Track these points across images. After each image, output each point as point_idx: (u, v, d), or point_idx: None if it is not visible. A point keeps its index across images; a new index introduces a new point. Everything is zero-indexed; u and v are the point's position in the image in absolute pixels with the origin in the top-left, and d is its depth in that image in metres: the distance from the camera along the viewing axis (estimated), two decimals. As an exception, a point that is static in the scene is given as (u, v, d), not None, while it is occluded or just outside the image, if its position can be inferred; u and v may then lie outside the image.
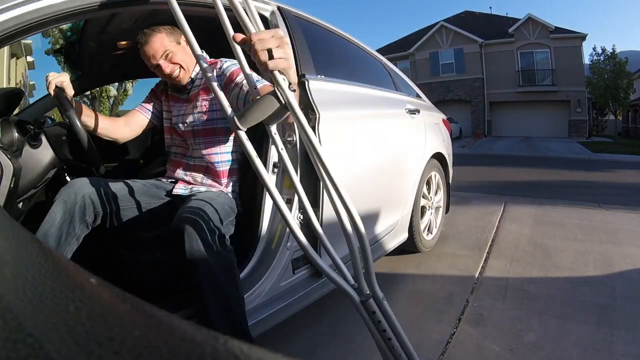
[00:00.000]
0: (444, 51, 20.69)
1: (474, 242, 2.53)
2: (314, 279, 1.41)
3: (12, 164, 1.00)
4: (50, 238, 1.04)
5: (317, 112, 1.30)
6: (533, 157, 10.57)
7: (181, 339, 0.20)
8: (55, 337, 0.20)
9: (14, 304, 0.23)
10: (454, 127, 16.07)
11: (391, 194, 1.88)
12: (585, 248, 2.42)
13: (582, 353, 1.39)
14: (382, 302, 0.91)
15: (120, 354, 0.18)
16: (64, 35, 1.94)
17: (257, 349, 0.20)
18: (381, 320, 0.90)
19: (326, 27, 1.84)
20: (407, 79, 2.61)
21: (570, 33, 18.70)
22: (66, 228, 1.07)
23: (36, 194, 1.34)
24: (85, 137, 1.21)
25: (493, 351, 1.41)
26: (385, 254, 1.90)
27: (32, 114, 1.84)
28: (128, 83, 13.63)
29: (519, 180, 6.12)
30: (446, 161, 2.54)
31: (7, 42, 0.90)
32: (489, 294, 1.85)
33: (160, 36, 1.26)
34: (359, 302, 0.91)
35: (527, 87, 19.31)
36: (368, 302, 0.90)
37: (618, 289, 1.87)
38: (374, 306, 0.90)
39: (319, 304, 1.52)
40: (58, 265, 0.31)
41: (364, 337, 1.51)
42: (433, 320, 1.63)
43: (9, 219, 0.46)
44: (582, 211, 3.34)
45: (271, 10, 1.42)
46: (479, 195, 4.13)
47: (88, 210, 1.12)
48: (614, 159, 10.37)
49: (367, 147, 1.66)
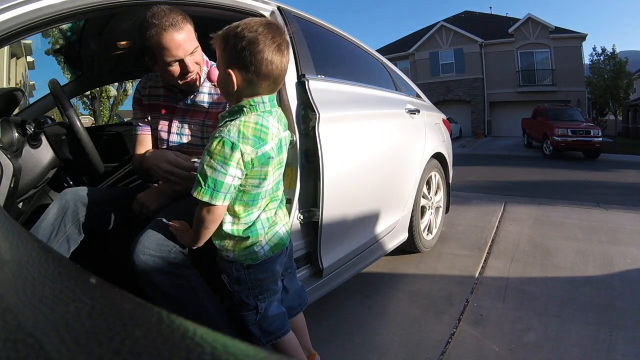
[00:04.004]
0: (444, 51, 20.68)
1: (474, 242, 2.53)
2: (314, 279, 1.41)
3: (12, 164, 1.00)
4: (41, 233, 1.05)
5: (317, 112, 1.30)
6: (533, 157, 10.56)
7: (181, 338, 0.20)
8: (55, 337, 0.20)
9: (14, 304, 0.23)
10: (454, 127, 16.06)
11: (391, 194, 1.88)
12: (585, 248, 2.42)
13: (582, 353, 1.39)
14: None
15: (120, 354, 0.18)
16: (64, 35, 1.94)
17: (257, 349, 0.20)
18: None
19: (326, 27, 1.84)
20: (407, 79, 2.61)
21: (570, 33, 18.70)
22: (57, 225, 1.07)
23: (36, 194, 1.34)
24: (85, 137, 1.21)
25: (493, 351, 1.41)
26: (385, 253, 1.90)
27: (32, 114, 1.84)
28: (128, 83, 13.60)
29: (519, 180, 6.12)
30: (446, 161, 2.54)
31: (7, 42, 0.90)
32: (489, 294, 1.85)
33: (190, 28, 1.08)
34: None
35: (527, 87, 19.30)
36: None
37: (618, 289, 1.87)
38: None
39: (319, 304, 1.52)
40: (58, 265, 0.31)
41: (364, 337, 1.51)
42: (433, 320, 1.63)
43: (9, 219, 0.46)
44: (582, 211, 3.34)
45: (271, 10, 1.42)
46: (479, 195, 4.13)
47: (81, 211, 1.11)
48: (614, 159, 10.36)
49: (367, 147, 1.66)
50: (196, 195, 0.83)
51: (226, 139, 0.82)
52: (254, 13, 1.36)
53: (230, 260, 0.96)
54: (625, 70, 17.09)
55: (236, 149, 0.82)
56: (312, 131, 1.29)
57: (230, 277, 0.98)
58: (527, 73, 19.40)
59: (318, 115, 1.29)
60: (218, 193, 0.82)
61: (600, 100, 18.12)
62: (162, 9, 1.04)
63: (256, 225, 0.94)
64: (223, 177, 0.82)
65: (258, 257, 0.96)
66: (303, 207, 1.34)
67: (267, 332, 1.01)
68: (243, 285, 0.97)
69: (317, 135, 1.28)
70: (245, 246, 0.94)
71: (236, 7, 1.30)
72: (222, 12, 1.27)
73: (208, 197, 0.83)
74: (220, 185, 0.82)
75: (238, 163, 0.83)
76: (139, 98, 1.26)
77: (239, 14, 1.31)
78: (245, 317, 0.99)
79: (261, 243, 0.95)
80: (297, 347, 1.09)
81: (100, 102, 12.70)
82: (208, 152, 0.83)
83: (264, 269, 0.97)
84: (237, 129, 0.84)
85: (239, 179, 0.85)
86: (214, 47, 0.88)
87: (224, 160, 0.81)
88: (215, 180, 0.82)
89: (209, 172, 0.82)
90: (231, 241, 0.94)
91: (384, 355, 1.40)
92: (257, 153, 0.85)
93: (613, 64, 17.23)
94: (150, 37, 1.04)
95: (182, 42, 1.05)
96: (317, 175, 1.30)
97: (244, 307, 0.99)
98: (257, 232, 0.94)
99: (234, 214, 0.91)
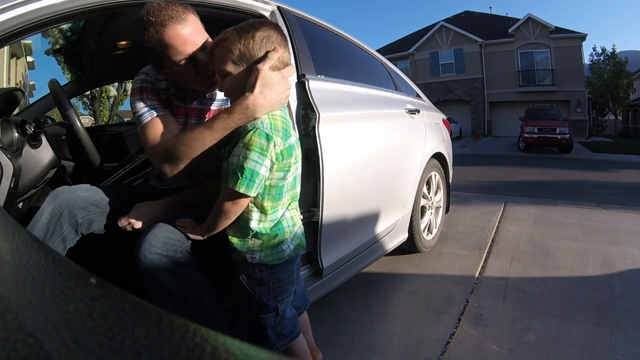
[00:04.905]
0: (444, 51, 20.68)
1: (474, 242, 2.53)
2: (314, 279, 1.41)
3: (12, 164, 1.00)
4: (35, 234, 0.98)
5: (317, 112, 1.30)
6: (533, 157, 10.57)
7: (181, 339, 0.20)
8: (55, 337, 0.20)
9: (14, 304, 0.23)
10: (454, 127, 16.06)
11: (391, 194, 1.88)
12: (585, 248, 2.42)
13: (582, 353, 1.39)
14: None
15: (120, 354, 0.18)
16: (64, 35, 1.94)
17: (257, 349, 0.20)
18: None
19: (326, 27, 1.84)
20: (407, 79, 2.61)
21: (570, 33, 18.70)
22: (53, 225, 1.01)
23: (36, 194, 1.34)
24: (85, 136, 1.21)
25: (493, 351, 1.41)
26: (385, 253, 1.90)
27: (32, 114, 1.84)
28: (128, 83, 13.62)
29: (518, 180, 6.12)
30: (446, 161, 2.54)
31: (7, 42, 0.90)
32: (489, 294, 1.85)
33: (194, 18, 0.97)
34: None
35: (527, 87, 19.30)
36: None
37: (618, 289, 1.87)
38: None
39: (319, 304, 1.52)
40: (58, 265, 0.31)
41: (364, 337, 1.51)
42: (433, 320, 1.63)
43: (9, 219, 0.46)
44: (582, 211, 3.34)
45: (271, 10, 1.42)
46: (479, 195, 4.13)
47: (78, 212, 1.05)
48: (614, 159, 10.37)
49: (367, 147, 1.66)
50: (233, 187, 0.84)
51: (261, 131, 0.84)
52: (254, 13, 1.36)
53: (253, 262, 0.95)
54: (625, 70, 17.09)
55: (271, 140, 0.84)
56: (312, 131, 1.29)
57: (252, 278, 0.96)
58: (527, 73, 19.40)
59: (318, 115, 1.29)
60: (253, 184, 0.84)
61: (600, 100, 18.12)
62: (157, 2, 0.92)
63: (282, 222, 0.95)
64: (259, 167, 0.83)
65: (284, 256, 0.96)
66: (303, 207, 1.33)
67: (282, 335, 1.01)
68: (265, 286, 0.96)
69: (317, 135, 1.28)
70: (273, 244, 0.94)
71: (236, 7, 1.30)
72: (222, 12, 1.27)
73: (244, 189, 0.83)
74: (256, 176, 0.83)
75: (271, 154, 0.85)
76: (153, 89, 1.08)
77: (239, 14, 1.31)
78: (264, 319, 0.97)
79: (287, 241, 0.96)
80: (307, 351, 1.09)
81: (100, 102, 12.71)
82: (244, 144, 0.84)
83: (285, 269, 0.98)
84: (269, 121, 0.86)
85: (269, 171, 0.86)
86: (222, 56, 0.88)
87: (261, 151, 0.83)
88: (252, 171, 0.83)
89: (245, 164, 0.83)
90: (259, 241, 0.93)
91: (384, 355, 1.40)
92: (285, 145, 0.88)
93: (613, 64, 17.23)
94: (150, 37, 0.93)
95: (189, 36, 0.93)
96: (317, 175, 1.30)
97: (262, 310, 0.97)
98: (284, 229, 0.95)
99: (262, 210, 0.92)
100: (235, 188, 0.84)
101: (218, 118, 0.89)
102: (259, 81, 0.85)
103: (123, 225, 1.03)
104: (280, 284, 0.97)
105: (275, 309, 0.98)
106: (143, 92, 1.06)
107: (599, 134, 20.99)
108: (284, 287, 0.99)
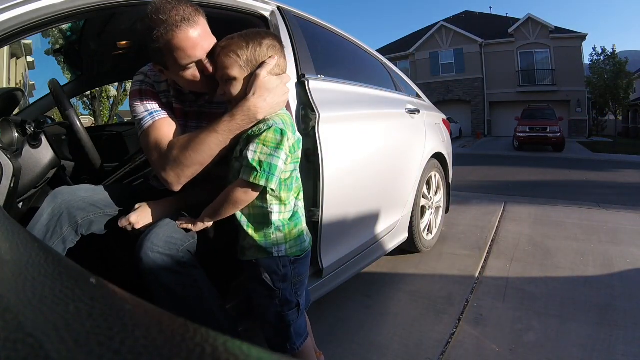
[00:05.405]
0: (444, 51, 20.68)
1: (474, 242, 2.53)
2: (314, 279, 1.41)
3: (12, 164, 1.00)
4: (35, 235, 0.97)
5: (317, 112, 1.30)
6: (533, 157, 10.57)
7: (181, 339, 0.20)
8: (55, 337, 0.20)
9: (14, 304, 0.23)
10: (454, 127, 16.07)
11: (391, 194, 1.88)
12: (585, 248, 2.42)
13: (582, 353, 1.39)
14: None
15: (120, 354, 0.18)
16: (64, 35, 1.94)
17: (257, 349, 0.20)
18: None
19: (326, 27, 1.84)
20: (407, 79, 2.61)
21: (570, 33, 18.70)
22: (52, 226, 1.00)
23: (36, 194, 1.34)
24: (85, 136, 1.21)
25: (493, 351, 1.41)
26: (385, 253, 1.90)
27: (32, 114, 1.84)
28: (128, 83, 13.62)
29: (518, 180, 6.12)
30: (446, 161, 2.54)
31: (7, 42, 0.90)
32: (489, 294, 1.85)
33: (204, 21, 0.95)
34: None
35: (527, 87, 19.30)
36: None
37: (618, 289, 1.87)
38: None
39: (319, 304, 1.52)
40: (58, 265, 0.31)
41: (364, 337, 1.51)
42: (433, 320, 1.63)
43: (9, 219, 0.46)
44: (582, 211, 3.34)
45: (271, 10, 1.42)
46: (479, 195, 4.13)
47: (78, 213, 1.04)
48: (614, 159, 10.37)
49: (366, 147, 1.66)
50: (252, 180, 0.88)
51: (276, 127, 0.90)
52: (254, 13, 1.36)
53: (277, 257, 0.97)
54: (625, 70, 17.10)
55: (285, 134, 0.90)
56: (312, 131, 1.29)
57: (277, 275, 0.98)
58: (527, 73, 19.40)
59: (318, 115, 1.29)
60: (273, 176, 0.89)
61: (600, 100, 18.13)
62: (168, 0, 0.88)
63: (298, 212, 1.01)
64: (277, 160, 0.89)
65: (305, 247, 1.01)
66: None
67: (298, 334, 1.03)
68: (288, 282, 1.00)
69: (317, 135, 1.28)
70: (295, 235, 0.99)
71: (236, 7, 1.29)
72: (222, 12, 1.27)
73: (264, 181, 0.88)
74: (275, 169, 0.89)
75: (285, 147, 0.91)
76: (152, 91, 1.06)
77: (239, 14, 1.31)
78: (289, 316, 1.00)
79: (305, 232, 1.02)
80: (312, 351, 1.11)
81: (100, 102, 12.70)
82: (260, 140, 0.89)
83: (303, 263, 1.03)
84: (280, 118, 0.94)
85: (284, 164, 0.92)
86: (228, 62, 0.91)
87: (277, 146, 0.89)
88: (271, 164, 0.88)
89: (263, 158, 0.88)
90: (281, 233, 0.97)
91: (384, 355, 1.40)
92: (295, 138, 0.96)
93: (613, 64, 17.24)
94: (159, 37, 0.88)
95: (199, 40, 0.90)
96: (317, 175, 1.30)
97: (286, 306, 1.00)
98: (300, 218, 1.01)
99: (281, 201, 0.96)
100: (254, 180, 0.88)
101: (222, 121, 0.92)
102: (260, 85, 0.90)
103: (123, 226, 1.03)
104: (300, 279, 1.02)
105: (297, 305, 1.02)
106: (142, 94, 1.05)
107: (599, 134, 21.00)
108: (303, 281, 1.03)
